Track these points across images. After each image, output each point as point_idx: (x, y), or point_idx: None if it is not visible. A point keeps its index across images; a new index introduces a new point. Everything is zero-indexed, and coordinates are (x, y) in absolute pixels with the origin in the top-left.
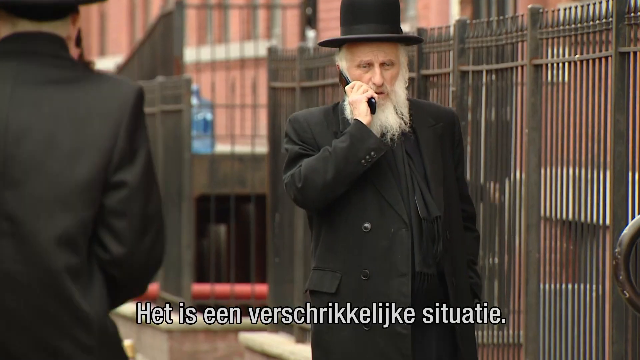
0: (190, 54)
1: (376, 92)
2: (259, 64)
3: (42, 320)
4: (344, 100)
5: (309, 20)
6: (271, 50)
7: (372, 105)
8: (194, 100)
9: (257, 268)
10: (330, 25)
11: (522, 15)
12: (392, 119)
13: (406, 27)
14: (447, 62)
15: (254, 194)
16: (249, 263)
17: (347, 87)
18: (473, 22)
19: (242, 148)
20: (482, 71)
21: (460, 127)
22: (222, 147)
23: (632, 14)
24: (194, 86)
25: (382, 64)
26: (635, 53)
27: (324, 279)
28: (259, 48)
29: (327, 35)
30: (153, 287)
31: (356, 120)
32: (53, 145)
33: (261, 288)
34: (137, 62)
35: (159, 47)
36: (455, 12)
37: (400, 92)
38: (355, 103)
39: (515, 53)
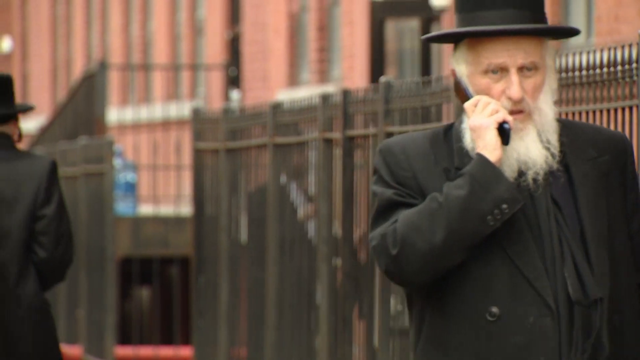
0: (113, 115)
1: (512, 111)
2: (182, 124)
3: None
4: (461, 122)
5: (233, 80)
6: (195, 111)
7: (504, 133)
8: (117, 162)
9: (181, 330)
10: (255, 86)
11: (448, 77)
12: (535, 150)
13: (330, 87)
14: (374, 123)
15: (178, 255)
16: (173, 325)
17: (467, 104)
18: (398, 83)
19: (166, 209)
20: (408, 132)
21: (633, 159)
22: (145, 209)
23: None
24: (117, 147)
25: (521, 69)
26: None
27: None
28: (182, 109)
29: (252, 96)
30: (76, 350)
31: (480, 155)
32: (4, 194)
33: (185, 351)
34: (59, 123)
35: (82, 107)
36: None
37: (547, 110)
38: (479, 129)
39: (441, 114)
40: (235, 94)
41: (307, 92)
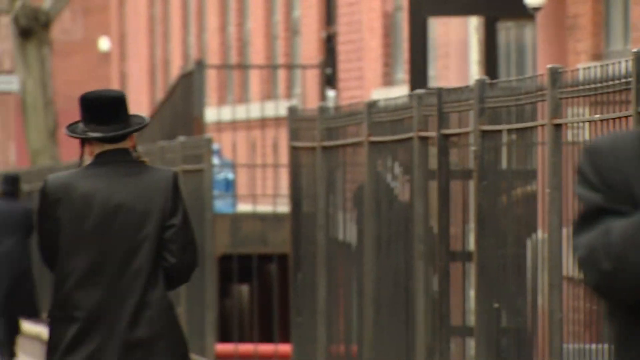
0: (210, 114)
1: None
2: (279, 123)
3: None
4: None
5: (329, 80)
6: (291, 110)
7: None
8: (215, 160)
9: (280, 327)
10: (350, 85)
11: (542, 75)
12: None
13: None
14: (468, 121)
15: (276, 253)
16: (272, 322)
17: None
18: (492, 82)
19: (264, 207)
20: (502, 131)
21: None
22: (243, 207)
23: None
24: (215, 146)
25: None
26: None
27: None
28: (279, 108)
29: (347, 96)
30: None
31: None
32: (136, 208)
33: (285, 347)
34: (158, 122)
35: (180, 107)
36: (474, 72)
37: None
38: None
39: (535, 113)
40: (331, 93)
41: (402, 91)
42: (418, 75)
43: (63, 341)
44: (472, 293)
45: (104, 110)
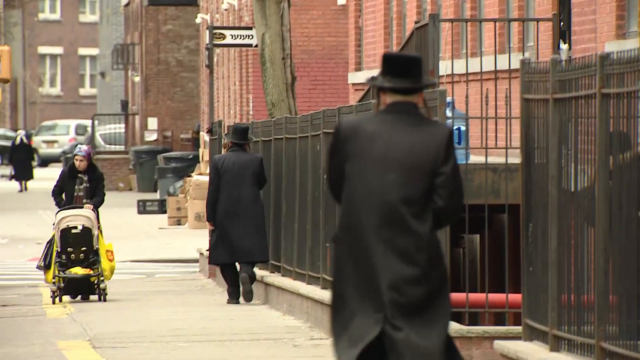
0: (444, 67)
1: None
2: (512, 76)
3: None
4: None
5: (562, 33)
6: (524, 63)
7: None
8: (448, 112)
9: (511, 277)
10: (583, 38)
11: None
12: None
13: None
14: None
15: (508, 204)
16: (504, 272)
17: None
18: None
19: (496, 159)
20: None
21: None
22: (475, 158)
23: None
24: (448, 98)
25: None
26: None
27: None
28: (512, 61)
29: (581, 49)
30: None
31: None
32: (413, 153)
33: (516, 297)
34: None
35: None
36: None
37: None
38: None
39: None
40: (564, 46)
41: (635, 44)
42: None
43: (347, 261)
44: None
45: (400, 66)
